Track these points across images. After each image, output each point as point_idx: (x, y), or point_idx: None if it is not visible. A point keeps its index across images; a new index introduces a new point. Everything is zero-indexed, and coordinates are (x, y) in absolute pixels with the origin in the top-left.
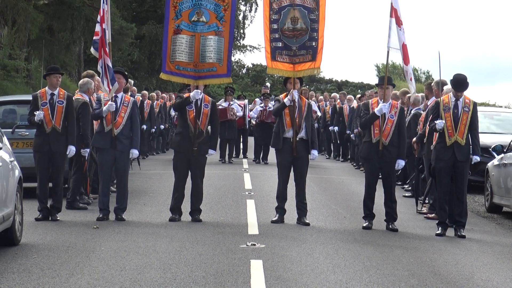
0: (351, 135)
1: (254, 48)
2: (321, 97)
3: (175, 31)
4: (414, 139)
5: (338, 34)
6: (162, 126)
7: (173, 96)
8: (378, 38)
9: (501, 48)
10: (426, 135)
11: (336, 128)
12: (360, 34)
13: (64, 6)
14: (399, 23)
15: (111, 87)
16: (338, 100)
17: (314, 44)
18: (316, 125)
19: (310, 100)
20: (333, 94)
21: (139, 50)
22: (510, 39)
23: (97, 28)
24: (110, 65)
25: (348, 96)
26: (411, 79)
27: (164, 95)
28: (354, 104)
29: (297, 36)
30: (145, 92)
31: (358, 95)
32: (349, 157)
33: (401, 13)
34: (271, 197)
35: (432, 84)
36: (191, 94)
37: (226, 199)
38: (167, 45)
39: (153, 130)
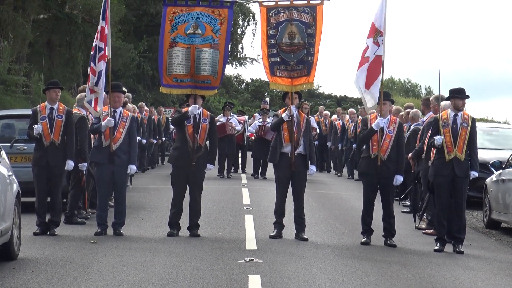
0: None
1: (254, 60)
2: (326, 112)
3: (170, 44)
4: (410, 154)
5: (337, 49)
6: (144, 141)
7: (154, 110)
8: None
9: (494, 63)
10: (424, 150)
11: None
12: (359, 49)
13: (63, 21)
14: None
15: (98, 108)
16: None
17: (310, 59)
18: (334, 145)
19: (320, 116)
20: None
21: (145, 61)
22: (503, 54)
23: (94, 43)
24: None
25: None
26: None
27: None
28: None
29: (295, 51)
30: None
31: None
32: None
33: (382, 22)
34: (269, 212)
35: (431, 99)
36: (190, 109)
37: (225, 214)
38: (163, 59)
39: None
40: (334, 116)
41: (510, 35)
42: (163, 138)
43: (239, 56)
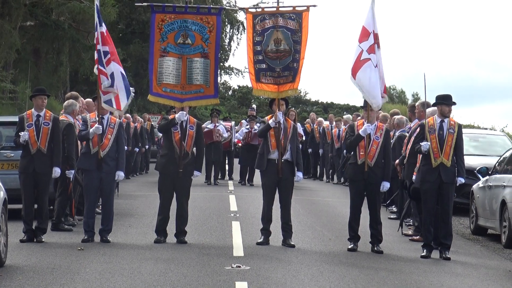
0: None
1: (240, 71)
2: (320, 119)
3: (161, 54)
4: (397, 161)
5: (323, 56)
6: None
7: (138, 118)
8: None
9: (478, 70)
10: (406, 156)
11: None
12: (346, 55)
13: (50, 28)
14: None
15: (122, 106)
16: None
17: (295, 65)
18: (325, 151)
19: (313, 123)
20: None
21: (125, 70)
22: (487, 62)
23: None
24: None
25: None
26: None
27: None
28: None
29: (281, 58)
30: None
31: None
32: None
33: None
34: (256, 219)
35: (416, 104)
36: (176, 115)
37: (212, 220)
38: (153, 67)
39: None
40: (326, 123)
41: (494, 43)
42: (147, 146)
43: (225, 65)
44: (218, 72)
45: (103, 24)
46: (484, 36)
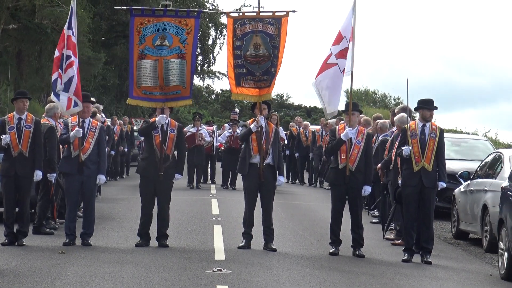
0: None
1: (223, 75)
2: (306, 122)
3: (139, 56)
4: (379, 165)
5: (306, 60)
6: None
7: (118, 121)
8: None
9: (459, 75)
10: (392, 161)
11: None
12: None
13: (33, 31)
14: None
15: (71, 107)
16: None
17: (273, 70)
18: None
19: (299, 126)
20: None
21: (108, 72)
22: (468, 67)
23: (61, 51)
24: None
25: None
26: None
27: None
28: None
29: (260, 62)
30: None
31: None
32: None
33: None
34: (238, 223)
35: (396, 110)
36: (157, 119)
37: (193, 224)
38: (133, 71)
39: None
40: (317, 127)
41: (476, 47)
42: (126, 149)
43: (209, 69)
44: (194, 74)
45: (72, 28)
46: (467, 41)
